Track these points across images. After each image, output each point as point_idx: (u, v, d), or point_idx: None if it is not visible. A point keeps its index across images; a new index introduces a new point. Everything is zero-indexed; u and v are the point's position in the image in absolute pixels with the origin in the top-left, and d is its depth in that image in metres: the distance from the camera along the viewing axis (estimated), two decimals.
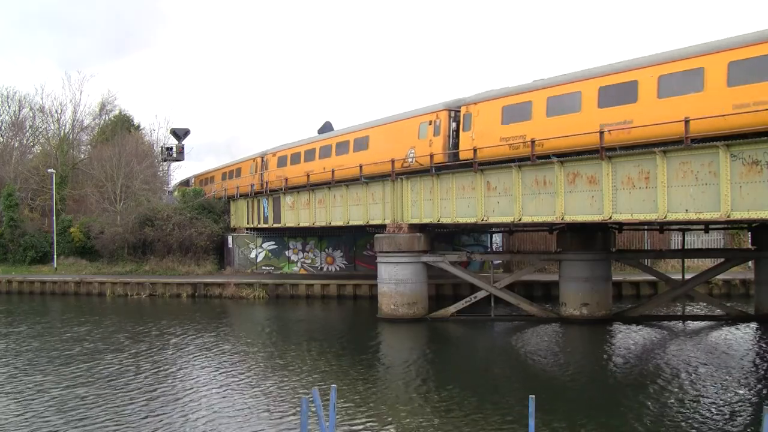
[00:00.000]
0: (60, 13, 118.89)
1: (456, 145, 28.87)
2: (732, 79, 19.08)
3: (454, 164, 28.12)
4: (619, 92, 22.25)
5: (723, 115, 18.59)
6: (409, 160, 31.12)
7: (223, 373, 20.34)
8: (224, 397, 17.36)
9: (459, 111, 29.10)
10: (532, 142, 23.81)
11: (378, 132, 34.53)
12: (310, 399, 11.06)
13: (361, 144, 35.38)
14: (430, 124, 30.34)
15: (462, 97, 29.58)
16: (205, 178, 63.61)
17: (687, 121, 18.85)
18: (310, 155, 40.78)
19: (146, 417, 15.64)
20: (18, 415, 15.77)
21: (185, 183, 69.02)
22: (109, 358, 22.34)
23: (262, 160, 47.37)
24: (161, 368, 21.01)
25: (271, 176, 44.25)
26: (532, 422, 9.75)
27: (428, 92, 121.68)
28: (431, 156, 28.99)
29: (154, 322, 30.38)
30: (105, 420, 15.36)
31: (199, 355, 23.17)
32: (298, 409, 14.53)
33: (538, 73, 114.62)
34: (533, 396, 9.85)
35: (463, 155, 27.82)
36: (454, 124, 29.33)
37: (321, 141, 40.42)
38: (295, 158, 42.68)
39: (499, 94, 27.39)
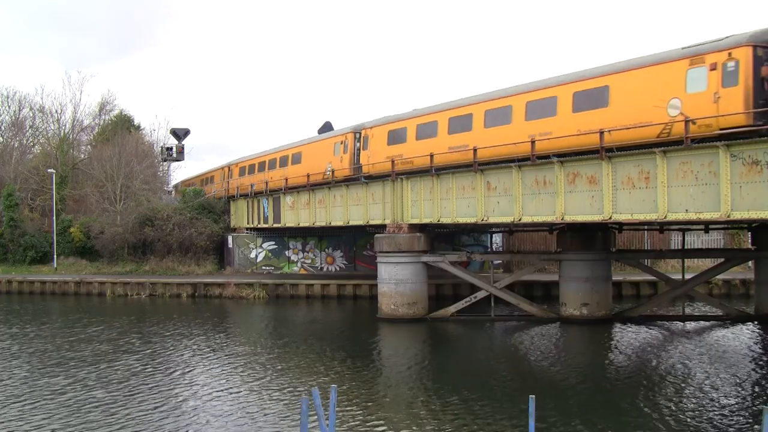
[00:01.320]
0: (61, 12, 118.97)
1: (358, 161, 34.69)
2: (576, 107, 23.37)
3: (354, 177, 34.68)
4: (463, 122, 28.10)
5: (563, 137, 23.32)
6: (327, 173, 36.86)
7: (223, 373, 20.34)
8: (224, 397, 17.36)
9: (361, 133, 35.09)
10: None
11: (308, 149, 41.08)
12: (310, 399, 11.06)
13: (297, 159, 42.17)
14: (341, 144, 36.45)
15: (364, 122, 35.34)
16: (188, 185, 65.53)
17: (687, 121, 18.87)
18: (262, 167, 47.30)
19: (146, 417, 15.63)
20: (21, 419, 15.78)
21: (175, 187, 69.92)
22: (110, 358, 22.34)
23: (228, 170, 54.09)
24: (161, 368, 21.00)
25: (233, 184, 51.35)
26: (532, 422, 9.75)
27: (428, 92, 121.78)
28: (333, 171, 35.93)
29: (153, 323, 30.40)
30: (104, 420, 15.36)
31: (199, 356, 23.16)
32: (298, 409, 14.54)
33: (538, 72, 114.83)
34: (533, 396, 9.84)
35: (365, 169, 34.10)
36: (358, 144, 35.15)
37: (269, 155, 47.06)
38: (251, 169, 49.21)
39: (386, 120, 33.57)
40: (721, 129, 18.96)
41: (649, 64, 21.86)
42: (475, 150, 26.10)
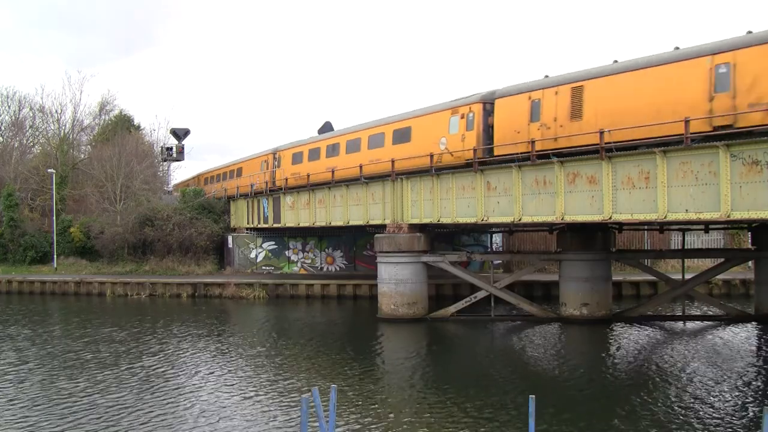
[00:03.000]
0: (60, 12, 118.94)
1: (274, 176, 44.54)
2: (395, 140, 32.52)
3: (276, 188, 43.20)
4: (334, 149, 38.32)
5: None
6: (256, 185, 45.67)
7: (224, 372, 20.34)
8: (224, 397, 17.36)
9: (275, 153, 45.69)
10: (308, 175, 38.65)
11: (247, 164, 50.80)
12: (310, 399, 11.05)
13: (239, 173, 51.41)
14: (265, 162, 46.80)
15: (280, 145, 45.88)
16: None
17: (687, 121, 18.89)
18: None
19: (145, 417, 15.63)
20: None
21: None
22: (110, 358, 22.35)
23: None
24: (161, 368, 21.00)
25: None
26: (532, 422, 9.74)
27: (428, 91, 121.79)
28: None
29: (153, 323, 30.39)
30: (103, 419, 15.36)
31: (199, 355, 23.16)
32: (298, 409, 14.53)
33: (537, 71, 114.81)
34: (533, 396, 9.84)
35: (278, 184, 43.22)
36: (276, 162, 45.22)
37: (225, 168, 56.32)
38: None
39: (291, 145, 44.27)
40: (466, 159, 27.64)
41: (432, 112, 30.84)
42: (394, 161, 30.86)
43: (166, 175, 66.30)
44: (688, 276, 30.96)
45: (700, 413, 15.82)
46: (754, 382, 18.82)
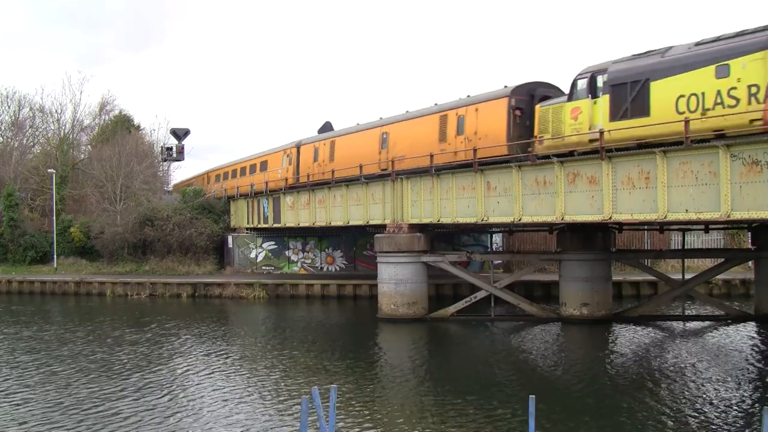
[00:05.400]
0: (59, 11, 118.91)
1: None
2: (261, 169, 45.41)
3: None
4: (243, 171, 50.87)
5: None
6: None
7: (223, 372, 20.34)
8: (224, 397, 17.36)
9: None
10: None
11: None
12: (310, 399, 11.05)
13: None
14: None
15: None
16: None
17: (687, 122, 18.89)
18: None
19: (144, 416, 15.63)
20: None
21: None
22: (111, 358, 22.35)
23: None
24: (160, 367, 21.01)
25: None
26: (532, 422, 9.74)
27: (428, 91, 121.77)
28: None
29: (153, 323, 30.38)
30: (101, 419, 15.36)
31: (199, 355, 23.15)
32: (298, 409, 14.53)
33: (538, 71, 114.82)
34: (533, 396, 9.84)
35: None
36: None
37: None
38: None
39: (210, 170, 60.46)
40: (294, 182, 41.79)
41: (276, 152, 45.67)
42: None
43: (166, 175, 66.37)
44: (688, 276, 30.96)
45: (700, 413, 15.82)
46: (754, 382, 18.83)
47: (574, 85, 23.60)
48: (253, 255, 45.76)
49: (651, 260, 36.00)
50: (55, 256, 48.43)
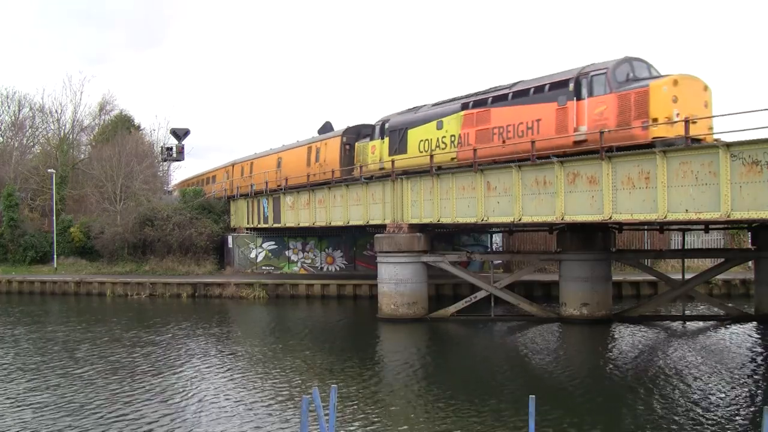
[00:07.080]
0: (73, 10, 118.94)
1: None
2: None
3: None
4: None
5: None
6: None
7: (223, 372, 20.33)
8: (224, 397, 17.35)
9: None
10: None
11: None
12: (311, 399, 11.06)
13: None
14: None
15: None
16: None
17: (687, 121, 18.92)
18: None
19: (143, 416, 15.63)
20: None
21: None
22: (110, 357, 22.35)
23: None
24: (160, 367, 20.99)
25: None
26: (532, 422, 9.74)
27: (427, 91, 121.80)
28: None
29: (152, 323, 30.38)
30: (101, 418, 15.37)
31: (199, 355, 23.14)
32: (298, 409, 14.54)
33: (537, 69, 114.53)
34: (533, 396, 9.83)
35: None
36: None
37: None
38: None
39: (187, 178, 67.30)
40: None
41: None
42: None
43: (166, 175, 66.39)
44: (688, 276, 30.95)
45: (700, 413, 15.81)
46: (754, 382, 18.83)
47: (373, 129, 34.88)
48: (253, 255, 45.75)
49: (651, 260, 36.00)
50: (55, 256, 48.43)
